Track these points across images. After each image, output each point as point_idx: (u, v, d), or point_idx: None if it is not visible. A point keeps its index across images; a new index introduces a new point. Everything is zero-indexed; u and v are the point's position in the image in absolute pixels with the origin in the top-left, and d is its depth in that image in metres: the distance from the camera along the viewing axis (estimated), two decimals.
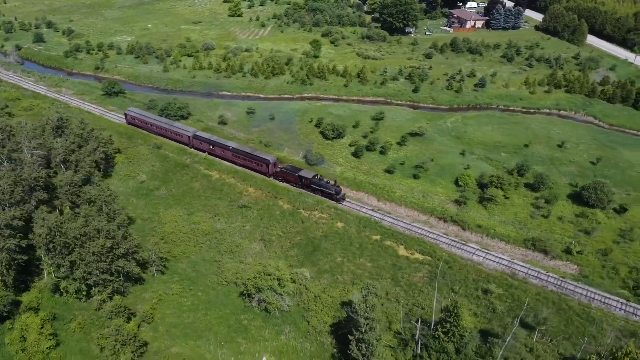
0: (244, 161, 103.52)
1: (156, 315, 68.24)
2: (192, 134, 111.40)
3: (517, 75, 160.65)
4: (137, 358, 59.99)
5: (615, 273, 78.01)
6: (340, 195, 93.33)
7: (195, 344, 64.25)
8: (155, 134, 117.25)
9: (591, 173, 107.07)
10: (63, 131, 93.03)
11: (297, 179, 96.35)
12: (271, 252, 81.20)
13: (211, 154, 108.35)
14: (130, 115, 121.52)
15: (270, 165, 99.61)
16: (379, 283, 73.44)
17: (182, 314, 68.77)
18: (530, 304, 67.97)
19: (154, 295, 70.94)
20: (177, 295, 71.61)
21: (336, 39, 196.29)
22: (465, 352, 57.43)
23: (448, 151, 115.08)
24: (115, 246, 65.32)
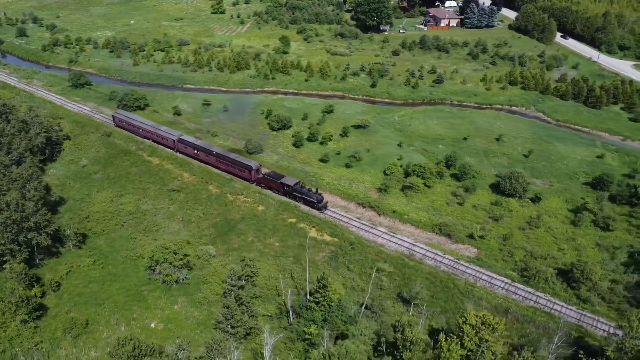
0: (227, 167, 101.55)
1: (64, 284, 73.53)
2: (177, 138, 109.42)
3: (478, 73, 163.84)
4: (33, 320, 65.22)
5: (510, 256, 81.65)
6: (322, 204, 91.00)
7: (94, 310, 69.34)
8: (142, 137, 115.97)
9: (520, 165, 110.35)
10: (7, 117, 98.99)
11: (279, 186, 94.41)
12: (188, 231, 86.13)
13: (195, 158, 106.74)
14: (117, 118, 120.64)
15: (253, 171, 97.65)
16: (278, 260, 78.06)
17: (89, 285, 73.94)
18: (416, 282, 72.10)
19: (66, 267, 76.22)
20: (87, 267, 76.82)
21: (309, 36, 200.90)
22: (330, 320, 61.59)
23: (387, 142, 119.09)
24: (24, 219, 70.75)
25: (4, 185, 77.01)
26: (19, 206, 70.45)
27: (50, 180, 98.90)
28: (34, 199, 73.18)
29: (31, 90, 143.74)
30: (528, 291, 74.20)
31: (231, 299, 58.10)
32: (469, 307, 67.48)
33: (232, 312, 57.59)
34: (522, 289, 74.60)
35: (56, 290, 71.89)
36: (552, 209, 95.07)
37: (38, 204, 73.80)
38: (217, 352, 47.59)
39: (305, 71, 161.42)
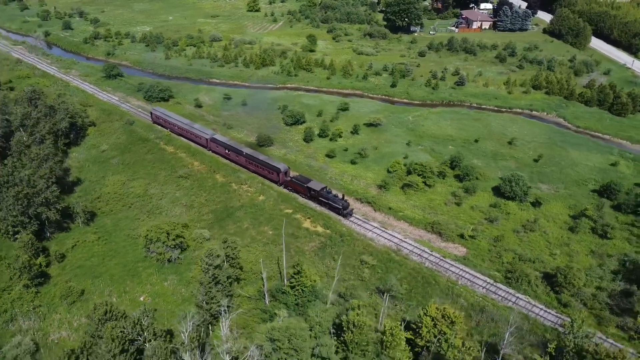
0: (255, 168, 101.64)
1: (68, 257, 79.51)
2: (209, 137, 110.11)
3: (503, 76, 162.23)
4: (34, 286, 71.22)
5: (497, 258, 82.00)
6: (348, 211, 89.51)
7: (91, 281, 74.80)
8: (177, 134, 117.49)
9: (528, 169, 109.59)
10: (36, 102, 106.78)
11: (306, 190, 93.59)
12: (188, 215, 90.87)
13: (227, 158, 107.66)
14: (155, 115, 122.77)
15: (281, 174, 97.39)
16: (268, 247, 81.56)
17: (90, 258, 79.64)
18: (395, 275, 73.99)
19: (72, 242, 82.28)
20: (91, 243, 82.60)
21: (338, 35, 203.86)
22: (302, 304, 64.36)
23: (396, 141, 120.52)
24: (35, 194, 77.10)
25: (23, 163, 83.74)
26: (30, 182, 76.79)
27: (71, 162, 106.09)
28: (45, 176, 79.36)
29: (67, 79, 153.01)
30: (508, 292, 74.57)
31: (207, 277, 61.84)
32: (443, 302, 68.61)
33: (205, 289, 61.38)
34: (503, 290, 75.03)
35: (60, 261, 77.85)
36: (552, 214, 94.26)
37: (49, 181, 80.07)
38: (186, 323, 51.33)
39: (328, 69, 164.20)
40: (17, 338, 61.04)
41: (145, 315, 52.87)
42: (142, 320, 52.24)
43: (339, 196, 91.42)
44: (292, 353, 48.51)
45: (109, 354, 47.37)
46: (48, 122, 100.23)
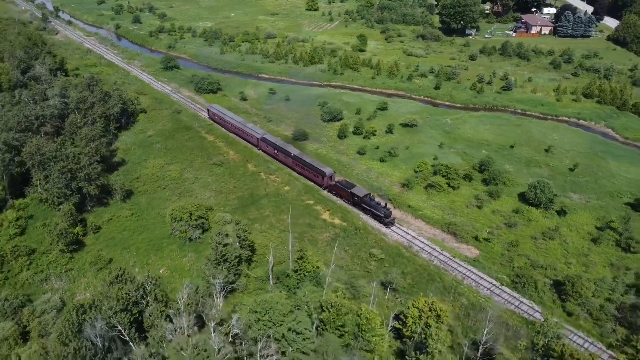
0: (302, 170, 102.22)
1: (103, 228, 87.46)
2: (260, 137, 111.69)
3: (554, 83, 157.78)
4: (69, 252, 79.35)
5: (509, 262, 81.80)
6: (390, 219, 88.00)
7: (120, 252, 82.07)
8: (231, 132, 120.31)
9: (562, 178, 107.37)
10: (93, 88, 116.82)
11: (349, 195, 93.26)
12: (216, 199, 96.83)
13: (275, 158, 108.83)
14: (211, 112, 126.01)
15: (326, 177, 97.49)
16: (284, 234, 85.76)
17: (122, 232, 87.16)
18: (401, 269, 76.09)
19: (109, 216, 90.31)
20: (125, 218, 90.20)
21: (390, 36, 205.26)
22: (303, 287, 67.70)
23: (428, 142, 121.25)
24: (78, 170, 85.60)
25: (73, 142, 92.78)
26: (75, 158, 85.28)
27: (119, 145, 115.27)
28: (89, 154, 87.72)
29: (129, 69, 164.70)
30: (513, 296, 74.51)
31: (215, 254, 66.81)
32: (443, 299, 69.95)
33: (213, 265, 66.34)
34: (507, 293, 75.05)
35: (96, 232, 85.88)
36: (577, 223, 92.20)
37: (92, 159, 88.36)
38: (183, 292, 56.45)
39: (373, 69, 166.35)
40: (47, 295, 68.74)
41: (148, 281, 58.45)
42: (145, 285, 57.84)
43: (381, 204, 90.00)
44: (269, 325, 52.22)
45: (110, 311, 53.20)
46: (101, 106, 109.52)
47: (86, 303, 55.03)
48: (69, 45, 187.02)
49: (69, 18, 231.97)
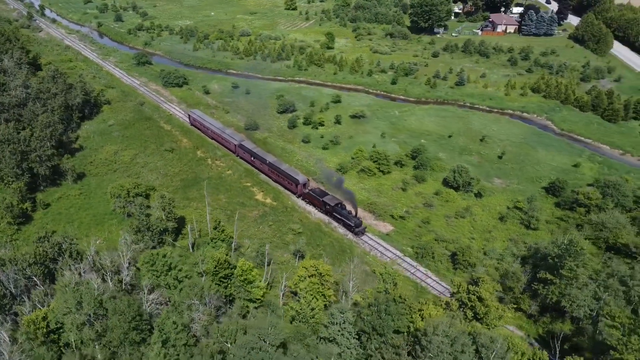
0: (277, 177, 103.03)
1: (52, 206, 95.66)
2: (237, 143, 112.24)
3: (509, 78, 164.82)
4: (16, 225, 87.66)
5: (417, 237, 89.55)
6: (360, 229, 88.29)
7: (63, 226, 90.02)
8: (210, 138, 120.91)
9: (490, 165, 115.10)
10: (57, 80, 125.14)
11: (321, 203, 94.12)
12: (160, 181, 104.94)
13: (252, 165, 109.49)
14: (192, 117, 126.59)
15: (300, 185, 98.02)
16: (215, 211, 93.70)
17: (69, 208, 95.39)
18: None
19: (59, 194, 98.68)
20: (74, 197, 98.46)
21: (360, 34, 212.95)
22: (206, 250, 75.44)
23: (373, 132, 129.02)
24: (29, 152, 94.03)
25: (27, 127, 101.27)
26: (26, 141, 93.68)
27: (81, 133, 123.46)
28: (39, 138, 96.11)
29: (103, 64, 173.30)
30: (412, 265, 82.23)
31: (136, 222, 74.99)
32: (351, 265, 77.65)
33: (133, 232, 74.48)
34: (407, 262, 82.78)
35: (45, 208, 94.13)
36: (491, 205, 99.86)
37: (43, 142, 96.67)
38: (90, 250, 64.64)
39: (336, 65, 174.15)
40: None
41: (65, 241, 66.58)
42: (62, 243, 66.00)
43: (352, 213, 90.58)
44: (157, 274, 60.18)
45: (24, 263, 61.24)
46: (62, 97, 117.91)
47: (7, 257, 62.97)
48: (49, 42, 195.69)
49: (54, 16, 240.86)
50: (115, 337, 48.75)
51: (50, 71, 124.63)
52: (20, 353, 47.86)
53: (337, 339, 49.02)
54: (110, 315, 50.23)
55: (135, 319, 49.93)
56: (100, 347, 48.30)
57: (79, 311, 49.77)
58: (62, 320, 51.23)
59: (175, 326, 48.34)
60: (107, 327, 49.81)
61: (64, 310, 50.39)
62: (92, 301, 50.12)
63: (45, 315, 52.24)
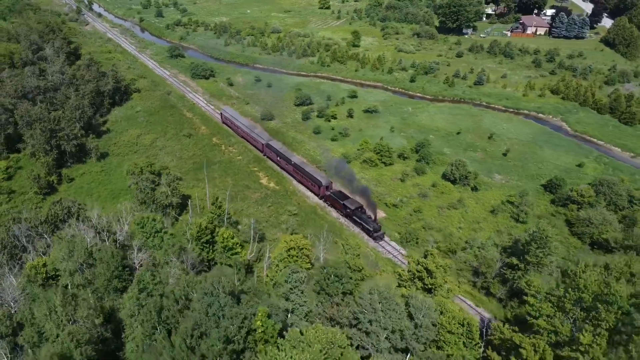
0: (301, 178, 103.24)
1: (76, 180, 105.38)
2: (265, 142, 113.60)
3: (530, 80, 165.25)
4: (43, 195, 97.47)
5: (407, 224, 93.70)
6: (379, 234, 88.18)
7: (83, 197, 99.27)
8: (240, 137, 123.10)
9: (493, 161, 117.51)
10: (91, 68, 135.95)
11: (342, 206, 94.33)
12: (175, 163, 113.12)
13: (278, 164, 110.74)
14: (224, 115, 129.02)
15: (322, 187, 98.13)
16: (220, 191, 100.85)
17: (91, 183, 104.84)
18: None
19: (83, 170, 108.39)
20: (96, 173, 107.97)
21: (387, 34, 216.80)
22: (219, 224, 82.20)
23: (383, 126, 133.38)
24: (58, 130, 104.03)
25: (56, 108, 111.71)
26: (55, 120, 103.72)
27: (110, 117, 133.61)
28: (67, 118, 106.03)
29: (138, 56, 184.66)
30: (396, 249, 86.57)
31: (140, 194, 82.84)
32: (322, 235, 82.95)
33: (138, 203, 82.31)
34: (391, 246, 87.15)
35: (69, 182, 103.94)
36: (486, 198, 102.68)
37: (71, 122, 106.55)
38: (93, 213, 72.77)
39: (359, 62, 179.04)
40: None
41: (73, 205, 74.91)
42: (71, 207, 74.38)
43: (371, 218, 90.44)
44: (146, 235, 67.36)
45: (37, 220, 69.81)
46: (95, 83, 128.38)
47: (23, 217, 71.79)
48: (93, 34, 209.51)
49: (101, 11, 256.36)
50: (100, 283, 55.98)
51: (86, 60, 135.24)
52: (22, 291, 55.89)
53: (290, 297, 54.58)
54: (97, 264, 57.57)
55: (118, 268, 57.12)
56: (89, 292, 55.57)
57: (71, 259, 57.39)
58: (58, 267, 59.11)
59: (152, 278, 55.08)
60: (95, 275, 57.15)
61: (60, 258, 58.13)
62: (82, 251, 57.68)
63: (45, 263, 60.35)
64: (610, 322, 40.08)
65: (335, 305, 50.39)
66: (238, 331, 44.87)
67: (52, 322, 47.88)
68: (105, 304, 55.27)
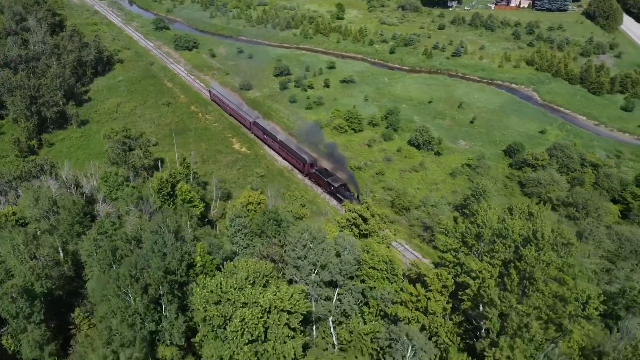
0: (286, 155, 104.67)
1: (56, 145, 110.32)
2: (252, 120, 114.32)
3: (508, 51, 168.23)
4: (23, 158, 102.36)
5: (367, 185, 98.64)
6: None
7: (61, 160, 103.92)
8: (229, 114, 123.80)
9: (459, 128, 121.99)
10: (73, 39, 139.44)
11: (326, 184, 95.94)
12: (152, 129, 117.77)
13: (264, 142, 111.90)
14: (212, 93, 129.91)
15: (307, 165, 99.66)
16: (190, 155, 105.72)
17: (69, 148, 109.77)
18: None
19: (63, 136, 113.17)
20: (75, 138, 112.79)
21: (372, 6, 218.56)
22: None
23: (357, 96, 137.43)
24: (38, 97, 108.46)
25: (37, 76, 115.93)
26: (34, 87, 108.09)
27: (92, 87, 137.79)
28: (46, 85, 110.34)
29: (124, 28, 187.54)
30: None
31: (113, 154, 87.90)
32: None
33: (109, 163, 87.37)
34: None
35: (49, 147, 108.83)
36: (447, 162, 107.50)
37: (50, 89, 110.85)
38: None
39: (341, 34, 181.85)
40: None
41: (45, 162, 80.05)
42: (44, 165, 79.53)
43: (354, 196, 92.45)
44: (109, 188, 72.62)
45: (10, 176, 74.98)
46: (77, 53, 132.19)
47: None
48: (81, 7, 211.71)
49: None
50: (64, 228, 61.18)
51: (69, 31, 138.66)
52: None
53: (234, 240, 59.86)
54: (61, 211, 62.69)
55: (79, 215, 62.31)
56: (56, 237, 60.73)
57: (37, 206, 62.51)
58: (26, 214, 64.33)
59: (112, 224, 60.30)
60: (59, 221, 62.32)
61: (26, 206, 63.30)
62: (46, 200, 62.77)
63: (15, 212, 65.55)
64: (503, 253, 45.17)
65: (273, 245, 55.66)
66: (179, 264, 50.21)
67: (16, 258, 53.23)
68: (69, 247, 60.61)
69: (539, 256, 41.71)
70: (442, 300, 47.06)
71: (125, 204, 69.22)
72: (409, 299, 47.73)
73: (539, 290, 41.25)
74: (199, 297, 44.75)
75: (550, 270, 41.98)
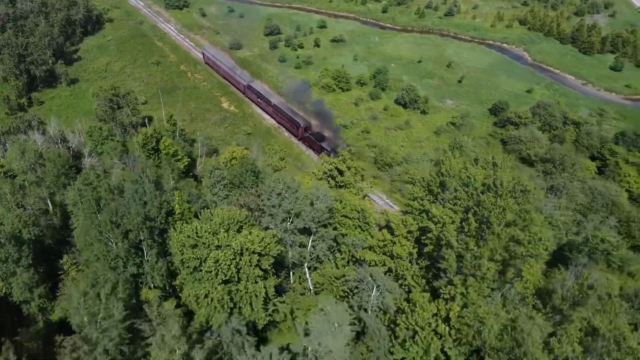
0: (280, 119, 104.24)
1: (46, 103, 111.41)
2: (246, 84, 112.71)
3: (501, 10, 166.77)
4: (13, 116, 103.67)
5: (353, 142, 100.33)
6: None
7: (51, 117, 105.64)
8: (222, 77, 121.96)
9: (448, 87, 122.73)
10: None
11: (319, 148, 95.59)
12: (141, 87, 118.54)
13: (259, 105, 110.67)
14: (206, 55, 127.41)
15: (300, 129, 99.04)
16: (180, 113, 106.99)
17: (59, 106, 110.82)
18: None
19: (53, 94, 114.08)
20: (65, 97, 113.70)
21: None
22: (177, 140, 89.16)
23: (346, 55, 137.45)
24: (27, 56, 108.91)
25: (26, 35, 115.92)
26: (23, 46, 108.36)
27: (82, 46, 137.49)
28: (34, 44, 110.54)
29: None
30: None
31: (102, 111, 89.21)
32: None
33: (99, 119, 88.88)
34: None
35: (39, 105, 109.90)
36: (432, 121, 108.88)
37: (37, 47, 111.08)
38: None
39: None
40: None
41: (33, 119, 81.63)
42: (32, 121, 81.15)
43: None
44: (95, 143, 74.66)
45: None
46: (65, 12, 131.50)
47: None
48: None
49: None
50: (50, 180, 63.36)
51: None
52: None
53: (213, 191, 62.23)
54: (46, 163, 64.76)
55: (64, 167, 64.40)
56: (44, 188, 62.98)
57: (23, 159, 64.57)
58: (13, 167, 66.46)
59: (97, 176, 62.43)
60: (46, 173, 64.49)
61: (13, 159, 65.35)
62: (32, 152, 64.76)
63: (2, 164, 67.63)
64: (466, 201, 47.40)
65: (250, 195, 57.94)
66: (159, 212, 52.60)
67: (3, 207, 55.56)
68: (56, 198, 62.96)
69: (496, 202, 43.95)
70: (407, 245, 49.65)
71: (109, 157, 71.19)
72: (376, 244, 50.30)
73: (494, 234, 43.68)
74: (176, 241, 47.29)
75: (506, 215, 44.32)
